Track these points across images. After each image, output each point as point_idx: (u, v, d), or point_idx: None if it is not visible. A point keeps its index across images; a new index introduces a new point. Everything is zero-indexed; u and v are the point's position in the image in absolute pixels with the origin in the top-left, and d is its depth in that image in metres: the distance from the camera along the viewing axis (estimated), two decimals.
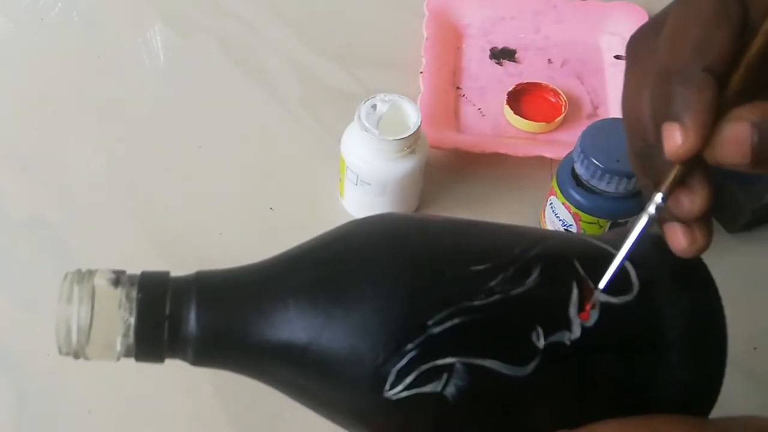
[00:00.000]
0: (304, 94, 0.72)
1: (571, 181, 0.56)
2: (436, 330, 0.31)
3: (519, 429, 0.34)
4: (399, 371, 0.31)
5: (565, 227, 0.58)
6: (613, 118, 0.58)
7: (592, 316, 0.33)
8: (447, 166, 0.66)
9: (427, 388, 0.31)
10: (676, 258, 0.33)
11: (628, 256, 0.33)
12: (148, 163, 0.66)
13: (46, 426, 0.52)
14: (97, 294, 0.33)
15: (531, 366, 0.32)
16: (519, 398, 0.33)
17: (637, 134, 0.33)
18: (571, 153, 0.57)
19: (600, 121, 0.56)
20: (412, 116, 0.57)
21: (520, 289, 0.33)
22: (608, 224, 0.56)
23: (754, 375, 0.55)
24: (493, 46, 0.75)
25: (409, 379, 0.31)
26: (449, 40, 0.74)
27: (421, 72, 0.70)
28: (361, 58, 0.74)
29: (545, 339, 0.32)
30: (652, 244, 0.34)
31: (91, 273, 0.34)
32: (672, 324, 0.33)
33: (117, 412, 0.53)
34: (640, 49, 0.34)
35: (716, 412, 0.54)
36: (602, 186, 0.54)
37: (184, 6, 0.78)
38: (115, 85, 0.72)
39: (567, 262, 0.34)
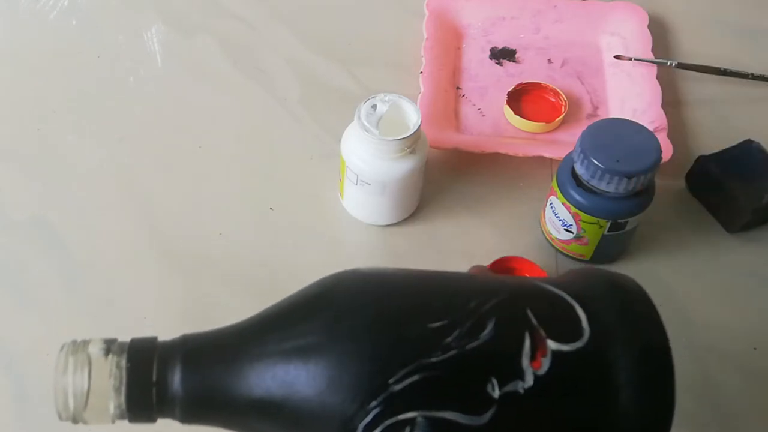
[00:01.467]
0: (304, 94, 0.72)
1: (571, 181, 0.56)
2: (398, 387, 0.34)
3: None
4: (365, 426, 0.34)
5: (565, 227, 0.58)
6: (613, 119, 0.58)
7: (544, 365, 0.35)
8: (447, 166, 0.66)
9: None
10: (625, 298, 0.36)
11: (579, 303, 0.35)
12: (148, 163, 0.66)
13: (46, 426, 0.52)
14: (91, 364, 0.36)
15: (488, 415, 0.34)
16: None
17: None
18: (571, 153, 0.57)
19: (600, 121, 0.56)
20: (412, 116, 0.57)
21: (474, 343, 0.35)
22: (608, 224, 0.56)
23: (754, 375, 0.55)
24: (493, 46, 0.75)
25: None
26: (449, 40, 0.74)
27: (421, 72, 0.70)
28: (361, 58, 0.74)
29: (500, 389, 0.34)
30: (604, 285, 0.37)
31: (84, 343, 0.37)
32: (621, 365, 0.35)
33: None
34: None
35: (716, 411, 0.54)
36: (602, 186, 0.54)
37: (183, 6, 0.78)
38: (115, 85, 0.72)
39: (520, 312, 0.36)
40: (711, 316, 0.58)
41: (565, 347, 0.35)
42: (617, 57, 0.72)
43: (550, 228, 0.60)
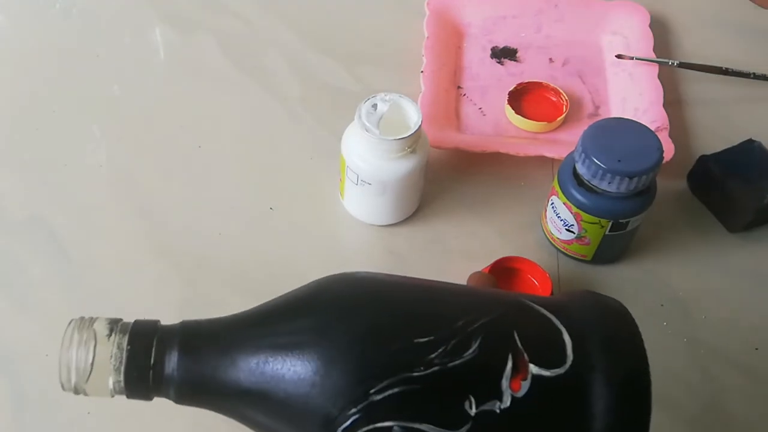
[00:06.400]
0: (304, 94, 0.71)
1: (572, 181, 0.56)
2: (377, 398, 0.36)
3: None
4: (344, 430, 0.36)
5: (566, 227, 0.58)
6: (615, 118, 0.58)
7: (523, 388, 0.36)
8: (448, 165, 0.66)
9: None
10: (612, 328, 0.37)
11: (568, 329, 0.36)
12: (148, 163, 0.66)
13: (46, 426, 0.52)
14: (96, 341, 0.38)
15: (462, 430, 0.35)
16: None
17: None
18: (572, 153, 0.57)
19: (601, 120, 0.56)
20: (413, 116, 0.57)
21: (457, 362, 0.36)
22: (609, 224, 0.56)
23: (756, 375, 0.55)
24: (494, 45, 0.75)
25: None
26: (450, 39, 0.74)
27: (422, 71, 0.70)
28: (361, 58, 0.74)
29: (477, 407, 0.36)
30: (594, 311, 0.37)
31: (91, 321, 0.39)
32: (600, 394, 0.36)
33: (117, 412, 0.53)
34: None
35: (717, 411, 0.54)
36: (603, 186, 0.54)
37: (183, 5, 0.78)
38: (115, 85, 0.72)
39: (507, 334, 0.37)
40: (712, 316, 0.58)
41: (546, 372, 0.36)
42: (619, 56, 0.72)
43: (551, 228, 0.60)
